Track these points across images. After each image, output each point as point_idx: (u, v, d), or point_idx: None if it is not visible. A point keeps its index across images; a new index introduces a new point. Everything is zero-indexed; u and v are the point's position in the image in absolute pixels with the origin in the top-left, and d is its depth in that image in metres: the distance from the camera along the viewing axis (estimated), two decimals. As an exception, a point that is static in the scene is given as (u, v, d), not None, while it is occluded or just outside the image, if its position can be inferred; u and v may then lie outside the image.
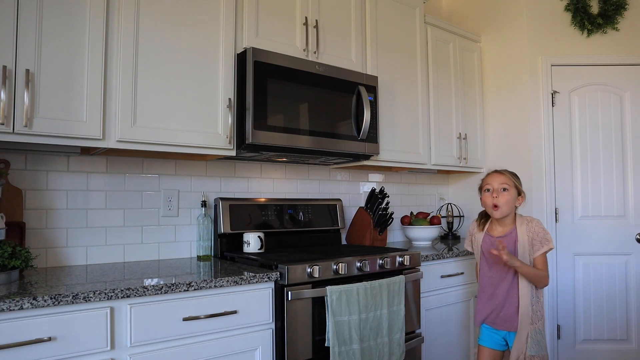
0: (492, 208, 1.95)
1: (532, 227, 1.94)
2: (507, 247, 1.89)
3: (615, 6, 2.96)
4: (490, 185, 1.97)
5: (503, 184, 1.96)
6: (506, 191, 1.95)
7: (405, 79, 2.81)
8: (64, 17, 1.68)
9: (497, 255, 1.86)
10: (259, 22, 2.17)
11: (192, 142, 1.94)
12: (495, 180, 1.98)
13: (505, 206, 1.94)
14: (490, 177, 2.01)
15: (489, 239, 2.02)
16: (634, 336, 2.91)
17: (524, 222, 1.97)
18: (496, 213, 1.95)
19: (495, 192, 1.95)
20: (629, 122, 2.98)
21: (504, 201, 1.94)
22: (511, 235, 1.97)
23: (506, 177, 1.98)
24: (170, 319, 1.55)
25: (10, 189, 1.82)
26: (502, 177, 1.98)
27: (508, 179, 1.97)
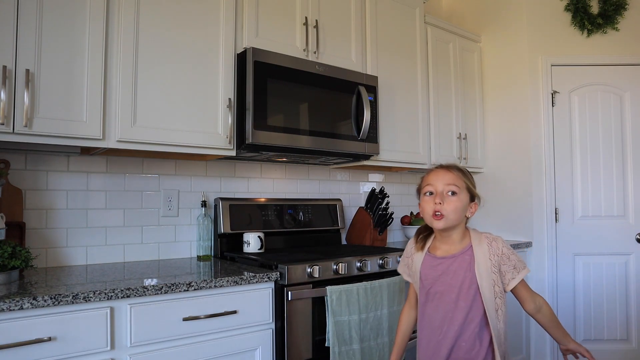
0: (433, 217, 1.39)
1: (497, 248, 1.41)
2: (458, 274, 1.39)
3: (615, 6, 2.96)
4: (433, 187, 1.41)
5: (450, 185, 1.39)
6: (455, 195, 1.39)
7: (405, 79, 2.81)
8: (64, 17, 1.68)
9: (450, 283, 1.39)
10: (259, 22, 2.17)
11: (192, 142, 1.94)
12: (439, 179, 1.41)
13: (452, 215, 1.38)
14: (432, 176, 1.43)
15: (431, 261, 1.45)
16: (634, 336, 2.91)
17: (483, 241, 1.42)
18: (438, 223, 1.39)
19: (439, 197, 1.39)
20: (629, 122, 2.98)
21: (451, 209, 1.38)
22: (464, 257, 1.41)
23: (455, 175, 1.41)
24: (170, 319, 1.55)
25: (10, 189, 1.82)
26: (449, 176, 1.41)
27: (457, 178, 1.41)
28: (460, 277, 1.40)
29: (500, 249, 1.41)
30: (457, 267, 1.42)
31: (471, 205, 1.45)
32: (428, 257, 1.48)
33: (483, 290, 1.38)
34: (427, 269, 1.47)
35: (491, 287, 1.39)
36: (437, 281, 1.43)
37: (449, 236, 1.45)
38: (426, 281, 1.47)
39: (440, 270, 1.43)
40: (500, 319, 1.40)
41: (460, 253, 1.43)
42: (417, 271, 1.51)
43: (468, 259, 1.41)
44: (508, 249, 1.42)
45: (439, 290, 1.43)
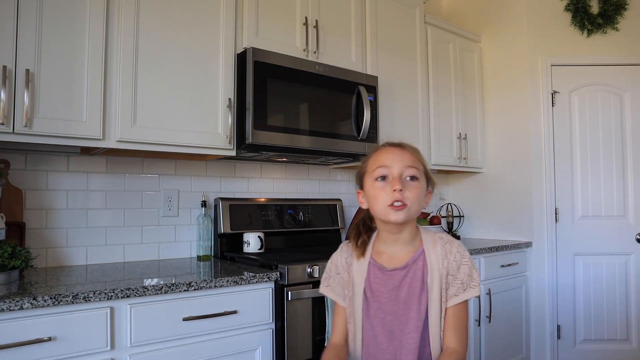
0: (392, 207, 1.08)
1: (450, 252, 1.13)
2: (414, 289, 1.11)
3: (615, 6, 2.96)
4: (388, 170, 1.10)
5: (410, 168, 1.10)
6: (416, 181, 1.10)
7: (405, 79, 2.81)
8: (64, 17, 1.68)
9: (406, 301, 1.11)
10: (259, 22, 2.17)
11: (192, 142, 1.94)
12: (396, 160, 1.11)
13: (416, 205, 1.10)
14: (386, 155, 1.13)
15: (379, 273, 1.15)
16: (634, 336, 2.91)
17: (437, 242, 1.15)
18: (399, 215, 1.08)
19: (398, 182, 1.08)
20: (629, 122, 2.98)
21: (414, 197, 1.09)
22: (417, 265, 1.13)
23: (414, 156, 1.14)
24: (170, 319, 1.55)
25: (10, 189, 1.81)
26: (408, 156, 1.12)
27: (416, 159, 1.14)
28: (416, 291, 1.10)
29: (454, 254, 1.13)
30: (411, 279, 1.11)
31: (427, 193, 1.16)
32: (374, 268, 1.15)
33: (431, 306, 1.09)
34: (373, 282, 1.14)
35: (438, 303, 1.10)
36: (387, 299, 1.12)
37: (400, 234, 1.14)
38: (373, 300, 1.13)
39: (392, 285, 1.12)
40: None
41: (412, 260, 1.13)
42: (360, 287, 1.15)
43: (421, 266, 1.12)
44: (463, 256, 1.13)
45: (389, 310, 1.11)
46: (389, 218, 1.09)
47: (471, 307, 2.66)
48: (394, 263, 1.14)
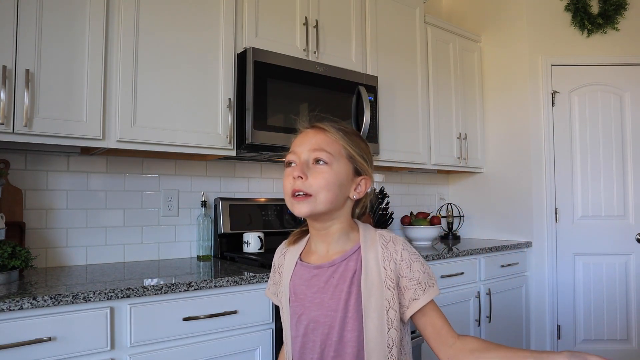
0: (292, 198, 0.94)
1: (394, 251, 0.96)
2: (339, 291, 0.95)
3: (615, 6, 2.96)
4: (295, 155, 0.97)
5: (317, 151, 0.94)
6: (325, 165, 0.94)
7: (405, 79, 2.81)
8: (64, 17, 1.68)
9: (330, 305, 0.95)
10: (259, 22, 2.17)
11: (192, 142, 1.94)
12: (303, 143, 0.97)
13: (323, 193, 0.93)
14: (297, 139, 1.01)
15: (303, 271, 1.01)
16: (634, 336, 2.91)
17: (376, 240, 0.98)
18: (300, 206, 0.93)
19: (298, 168, 0.94)
20: (629, 122, 2.98)
21: (319, 184, 0.92)
22: (347, 264, 0.96)
23: (328, 137, 0.96)
24: (170, 319, 1.55)
25: (10, 189, 1.82)
26: (319, 138, 0.96)
27: (331, 141, 0.96)
28: (343, 294, 0.94)
29: (400, 253, 0.95)
30: (338, 280, 0.95)
31: (357, 180, 0.98)
32: (300, 267, 1.02)
33: (368, 315, 0.92)
34: (297, 283, 1.00)
35: (382, 311, 0.92)
36: (311, 303, 0.97)
37: (325, 230, 0.99)
38: (296, 303, 1.00)
39: (316, 286, 0.97)
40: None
41: (342, 258, 0.97)
42: (285, 288, 1.03)
43: (353, 267, 0.96)
44: (411, 254, 0.96)
45: (313, 317, 0.96)
46: (293, 211, 0.95)
47: (471, 307, 2.66)
48: (322, 262, 0.99)
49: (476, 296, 2.67)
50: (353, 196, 0.98)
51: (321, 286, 0.97)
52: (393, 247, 0.96)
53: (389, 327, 0.92)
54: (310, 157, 0.94)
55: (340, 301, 0.94)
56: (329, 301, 0.95)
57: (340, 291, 0.94)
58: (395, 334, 0.92)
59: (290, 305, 1.01)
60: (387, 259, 0.95)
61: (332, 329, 0.94)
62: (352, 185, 0.98)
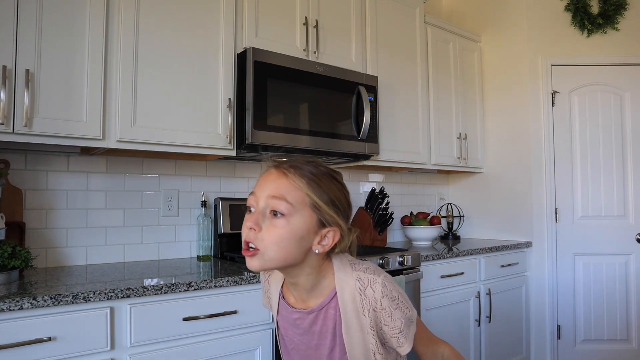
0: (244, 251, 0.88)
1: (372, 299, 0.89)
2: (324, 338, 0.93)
3: (615, 6, 2.96)
4: (254, 198, 0.88)
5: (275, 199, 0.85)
6: (281, 218, 0.85)
7: (405, 79, 2.81)
8: (64, 17, 1.68)
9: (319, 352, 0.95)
10: (259, 22, 2.17)
11: (192, 142, 1.94)
12: (263, 187, 0.88)
13: (274, 250, 0.85)
14: (260, 179, 0.91)
15: (287, 311, 0.98)
16: (634, 336, 2.91)
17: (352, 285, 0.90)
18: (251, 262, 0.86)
19: (252, 218, 0.86)
20: (629, 122, 2.98)
21: (271, 240, 0.84)
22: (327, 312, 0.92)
23: (290, 182, 0.86)
24: (170, 319, 1.55)
25: (10, 189, 1.82)
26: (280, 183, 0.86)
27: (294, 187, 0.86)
28: (327, 342, 0.92)
29: (379, 301, 0.88)
30: (321, 328, 0.92)
31: (323, 233, 0.88)
32: (283, 304, 0.98)
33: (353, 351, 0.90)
34: (283, 319, 0.99)
35: (369, 354, 0.91)
36: (300, 342, 0.96)
37: (293, 279, 0.92)
38: (286, 338, 1.01)
39: (301, 329, 0.95)
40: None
41: (319, 307, 0.91)
42: (274, 315, 1.03)
43: (333, 315, 0.91)
44: (392, 300, 0.89)
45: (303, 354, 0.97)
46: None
47: (471, 307, 2.66)
48: (300, 305, 0.95)
49: (476, 296, 2.67)
50: (316, 250, 0.88)
51: (306, 329, 0.94)
52: (372, 294, 0.88)
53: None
54: (268, 205, 0.85)
55: (326, 348, 0.92)
56: (316, 344, 0.94)
57: (325, 339, 0.92)
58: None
59: (281, 337, 1.01)
60: (367, 307, 0.89)
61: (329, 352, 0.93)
62: (316, 238, 0.88)
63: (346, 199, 0.93)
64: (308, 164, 0.89)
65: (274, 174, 0.88)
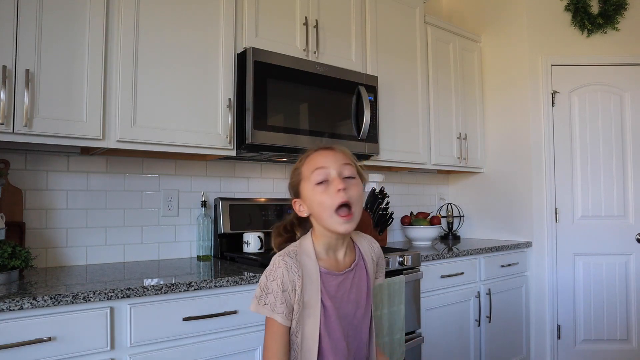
0: (340, 217, 1.05)
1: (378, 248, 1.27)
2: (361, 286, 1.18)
3: (616, 6, 2.96)
4: (326, 171, 1.06)
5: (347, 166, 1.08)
6: (355, 179, 1.08)
7: (405, 79, 2.81)
8: (64, 17, 1.68)
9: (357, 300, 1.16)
10: (259, 22, 2.17)
11: (192, 142, 1.94)
12: (332, 160, 1.07)
13: (358, 206, 1.07)
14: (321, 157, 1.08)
15: (332, 279, 1.12)
16: (634, 336, 2.91)
17: (363, 239, 1.25)
18: (348, 226, 1.06)
19: (340, 181, 1.04)
20: (629, 122, 2.98)
21: (357, 195, 1.06)
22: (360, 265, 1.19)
23: (347, 155, 1.12)
24: (170, 319, 1.55)
25: (10, 189, 1.82)
26: (342, 156, 1.10)
27: (350, 158, 1.12)
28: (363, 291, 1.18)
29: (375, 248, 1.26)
30: (358, 280, 1.18)
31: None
32: (326, 275, 1.12)
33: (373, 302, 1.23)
34: (331, 290, 1.11)
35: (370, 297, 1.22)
36: (341, 303, 1.13)
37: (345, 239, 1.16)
38: (331, 307, 1.10)
39: (344, 289, 1.14)
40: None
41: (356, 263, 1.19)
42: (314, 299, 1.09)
43: (363, 266, 1.20)
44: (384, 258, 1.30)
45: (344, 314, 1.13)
46: (337, 229, 1.06)
47: (471, 307, 2.66)
48: (339, 266, 1.16)
49: (476, 296, 2.67)
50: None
51: (348, 287, 1.15)
52: (377, 247, 1.27)
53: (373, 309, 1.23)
54: (343, 171, 1.07)
55: (362, 295, 1.16)
56: (355, 298, 1.15)
57: (362, 287, 1.17)
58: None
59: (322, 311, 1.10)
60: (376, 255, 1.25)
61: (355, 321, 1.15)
62: None
63: None
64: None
65: (331, 150, 1.11)
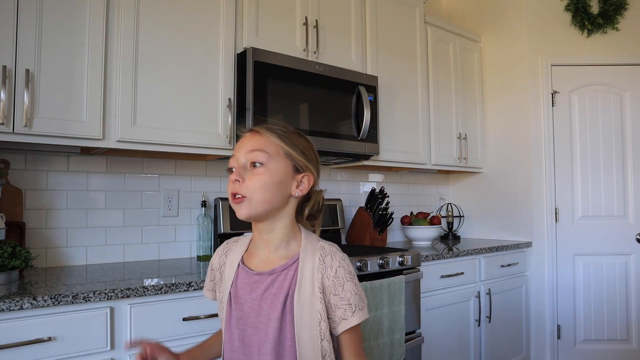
0: (233, 201, 0.96)
1: (331, 267, 0.95)
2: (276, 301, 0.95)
3: (615, 6, 2.96)
4: (235, 159, 0.99)
5: (253, 152, 0.96)
6: (261, 167, 0.95)
7: (405, 79, 2.81)
8: (64, 17, 1.68)
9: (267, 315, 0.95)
10: (259, 22, 2.17)
11: (192, 142, 1.94)
12: (241, 147, 0.99)
13: (259, 194, 0.94)
14: (238, 143, 1.02)
15: (246, 276, 1.00)
16: (634, 336, 2.91)
17: (316, 249, 0.98)
18: (239, 209, 0.95)
19: (236, 172, 0.96)
20: (629, 122, 2.98)
21: (255, 186, 0.94)
22: (287, 274, 0.96)
23: (262, 138, 0.98)
24: (170, 319, 1.55)
25: (10, 189, 1.82)
26: (256, 140, 0.98)
27: (266, 141, 0.98)
28: (279, 304, 0.93)
29: (335, 269, 0.94)
30: (277, 290, 0.95)
31: (299, 178, 0.98)
32: (242, 270, 1.01)
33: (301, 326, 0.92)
34: (239, 287, 0.99)
35: (315, 322, 0.93)
36: (250, 309, 0.97)
37: (268, 233, 0.98)
38: (235, 307, 0.99)
39: (255, 293, 0.96)
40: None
41: (282, 268, 0.96)
42: (226, 290, 1.01)
43: (291, 277, 0.95)
44: (347, 272, 0.95)
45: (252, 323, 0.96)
46: (237, 214, 0.96)
47: (471, 307, 2.66)
48: (262, 268, 0.99)
49: (476, 296, 2.67)
50: (295, 194, 0.98)
51: (260, 293, 0.96)
52: (330, 261, 0.95)
53: (321, 339, 0.93)
54: (248, 159, 0.96)
55: (277, 311, 0.93)
56: (267, 309, 0.95)
57: (278, 301, 0.94)
58: (327, 345, 0.93)
59: (228, 307, 1.00)
60: (322, 271, 0.94)
61: (269, 337, 0.93)
62: (294, 183, 0.98)
63: (314, 152, 1.05)
64: (276, 124, 1.03)
65: (248, 135, 1.01)
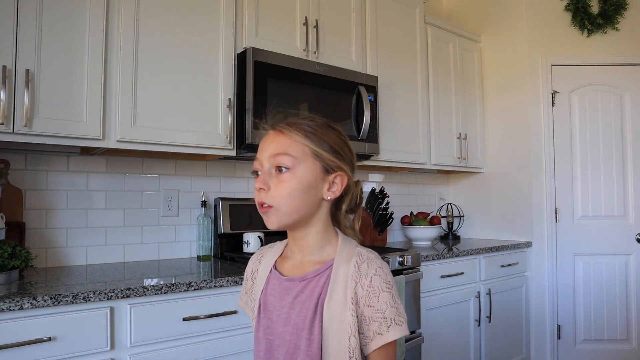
0: (260, 210, 0.88)
1: (366, 275, 0.86)
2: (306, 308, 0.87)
3: (615, 6, 2.96)
4: (259, 163, 0.89)
5: (277, 157, 0.87)
6: (287, 172, 0.86)
7: (405, 79, 2.81)
8: (64, 17, 1.68)
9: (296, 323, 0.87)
10: (259, 22, 2.17)
11: (192, 142, 1.94)
12: (264, 150, 0.90)
13: (287, 203, 0.86)
14: (260, 144, 0.92)
15: (276, 282, 0.93)
16: (634, 336, 2.91)
17: (352, 254, 0.89)
18: (268, 219, 0.88)
19: (260, 179, 0.88)
20: (629, 122, 2.98)
21: (282, 194, 0.86)
22: (318, 281, 0.88)
23: (287, 139, 0.88)
24: (170, 319, 1.55)
25: (10, 189, 1.81)
26: (279, 142, 0.88)
27: (291, 142, 0.87)
28: (309, 313, 0.86)
29: (370, 278, 0.85)
30: (306, 298, 0.87)
31: (330, 179, 0.88)
32: (273, 276, 0.94)
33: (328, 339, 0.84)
34: (269, 294, 0.93)
35: (344, 336, 0.83)
36: (279, 317, 0.89)
37: (302, 239, 0.91)
38: (264, 316, 0.92)
39: (286, 300, 0.89)
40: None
41: (314, 274, 0.88)
42: (256, 297, 0.95)
43: (323, 283, 0.87)
44: (384, 282, 0.85)
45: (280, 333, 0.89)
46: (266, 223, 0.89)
47: (471, 307, 2.66)
48: (294, 273, 0.91)
49: (476, 296, 2.67)
50: (327, 197, 0.89)
51: (290, 300, 0.89)
52: (366, 269, 0.86)
53: (350, 356, 0.82)
54: (272, 164, 0.87)
55: (306, 320, 0.85)
56: (295, 318, 0.87)
57: (307, 309, 0.86)
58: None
59: (257, 316, 0.93)
60: (356, 279, 0.85)
61: (298, 348, 0.85)
62: (325, 186, 0.88)
63: (347, 145, 0.93)
64: (303, 119, 0.91)
65: (272, 134, 0.90)
